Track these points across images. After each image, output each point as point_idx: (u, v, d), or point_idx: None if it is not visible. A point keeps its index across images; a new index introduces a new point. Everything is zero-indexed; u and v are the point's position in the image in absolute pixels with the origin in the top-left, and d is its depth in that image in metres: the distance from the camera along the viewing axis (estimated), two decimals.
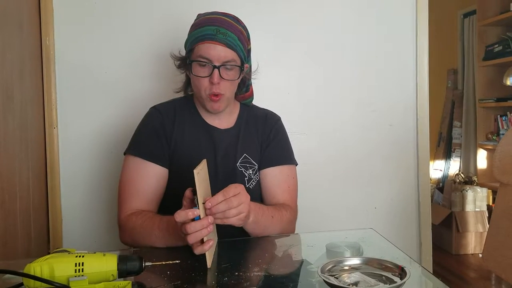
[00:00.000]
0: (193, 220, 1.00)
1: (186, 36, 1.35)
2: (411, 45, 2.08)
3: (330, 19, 2.02)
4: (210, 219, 1.01)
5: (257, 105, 1.55)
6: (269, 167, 1.40)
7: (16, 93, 1.54)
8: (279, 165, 1.41)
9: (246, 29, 1.36)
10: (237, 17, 1.34)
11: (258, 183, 1.40)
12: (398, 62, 2.08)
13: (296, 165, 1.47)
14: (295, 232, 1.38)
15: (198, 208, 1.00)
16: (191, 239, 1.00)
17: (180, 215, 1.00)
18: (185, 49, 1.36)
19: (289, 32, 1.98)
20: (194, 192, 1.03)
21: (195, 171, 0.97)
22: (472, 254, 3.56)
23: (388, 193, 2.10)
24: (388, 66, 2.07)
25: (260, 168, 1.41)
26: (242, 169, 1.38)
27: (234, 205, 1.03)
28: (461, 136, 4.43)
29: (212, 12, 1.34)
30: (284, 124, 1.51)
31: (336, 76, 2.03)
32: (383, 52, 2.06)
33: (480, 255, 3.44)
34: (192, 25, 1.34)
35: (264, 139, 1.43)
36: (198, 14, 1.36)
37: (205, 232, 1.00)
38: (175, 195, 1.32)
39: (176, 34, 1.37)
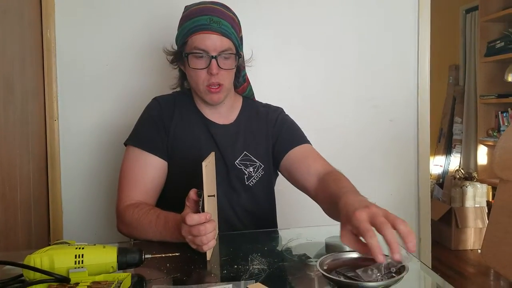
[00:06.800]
0: None
1: None
2: (413, 40, 2.07)
3: (331, 15, 2.01)
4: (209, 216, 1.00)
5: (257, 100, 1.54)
6: (290, 150, 1.37)
7: (17, 85, 1.54)
8: (298, 145, 1.38)
9: (236, 16, 1.33)
10: (226, 5, 1.32)
11: (261, 180, 1.38)
12: (400, 58, 2.08)
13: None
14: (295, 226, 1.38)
15: (203, 203, 1.00)
16: (204, 240, 0.99)
17: (193, 219, 0.98)
18: (177, 43, 1.34)
19: (289, 27, 1.98)
20: (199, 194, 1.02)
21: (203, 163, 0.97)
22: (471, 250, 3.57)
23: (388, 188, 2.10)
24: (390, 61, 2.07)
25: (281, 158, 1.38)
26: (242, 167, 1.37)
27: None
28: (462, 132, 4.42)
29: (200, 2, 1.31)
30: None
31: (337, 71, 2.03)
32: (385, 48, 2.06)
33: (479, 251, 3.45)
34: (182, 18, 1.31)
35: (269, 133, 1.41)
36: (185, 6, 1.33)
37: (214, 233, 1.00)
38: (174, 188, 1.32)
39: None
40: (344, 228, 0.89)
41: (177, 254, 0.99)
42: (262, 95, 1.57)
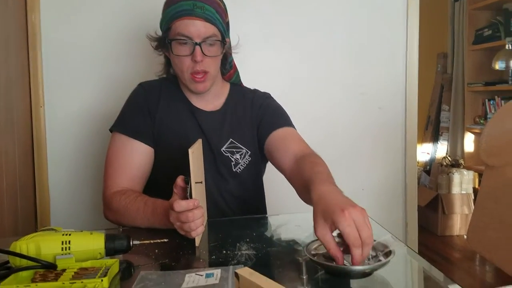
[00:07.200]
0: None
1: None
2: (402, 28, 2.07)
3: (321, 2, 2.00)
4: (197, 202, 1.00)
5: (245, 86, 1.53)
6: (272, 132, 1.34)
7: (2, 71, 1.51)
8: (280, 127, 1.36)
9: (222, 1, 1.30)
10: None
11: (248, 167, 1.37)
12: (388, 45, 2.08)
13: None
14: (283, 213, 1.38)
15: (191, 189, 1.00)
16: (193, 226, 0.99)
17: (181, 205, 0.97)
18: (161, 29, 1.31)
19: (277, 14, 1.97)
20: (187, 181, 1.02)
21: (190, 150, 0.97)
22: (457, 236, 3.62)
23: (376, 175, 2.12)
24: (378, 49, 2.07)
25: (264, 140, 1.36)
26: (228, 154, 1.36)
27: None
28: (449, 120, 4.45)
29: None
30: None
31: (325, 59, 2.02)
32: (373, 35, 2.06)
33: (465, 237, 3.50)
34: (165, 3, 1.27)
35: (254, 117, 1.39)
36: None
37: (202, 219, 1.00)
38: (161, 174, 1.31)
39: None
40: (320, 222, 0.87)
41: (165, 240, 0.99)
42: (250, 82, 1.56)
